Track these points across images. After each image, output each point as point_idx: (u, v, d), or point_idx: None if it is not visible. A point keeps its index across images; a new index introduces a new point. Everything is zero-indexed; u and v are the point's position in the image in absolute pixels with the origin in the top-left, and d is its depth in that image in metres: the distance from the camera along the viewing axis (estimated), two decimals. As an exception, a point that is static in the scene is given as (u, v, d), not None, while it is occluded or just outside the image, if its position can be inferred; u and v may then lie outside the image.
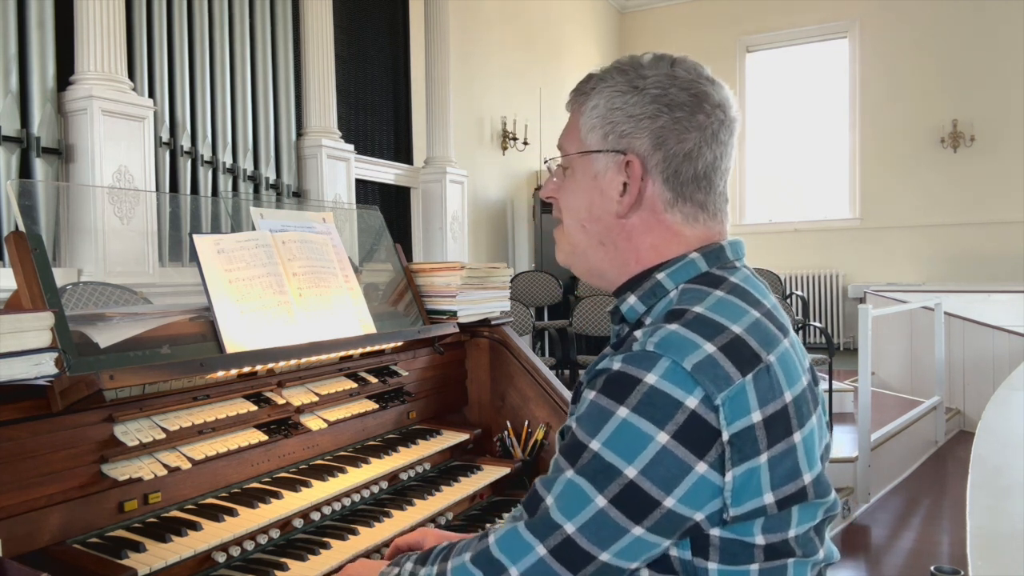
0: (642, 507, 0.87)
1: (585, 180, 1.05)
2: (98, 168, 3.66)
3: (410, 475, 1.68)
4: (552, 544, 0.90)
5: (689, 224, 1.03)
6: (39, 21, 3.59)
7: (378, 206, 2.21)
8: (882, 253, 9.36)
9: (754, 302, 0.97)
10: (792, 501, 0.91)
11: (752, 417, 0.88)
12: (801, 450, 0.92)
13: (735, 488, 0.88)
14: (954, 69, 8.97)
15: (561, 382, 1.98)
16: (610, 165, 1.03)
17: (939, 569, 1.74)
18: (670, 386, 0.87)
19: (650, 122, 1.00)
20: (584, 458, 0.90)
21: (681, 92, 1.00)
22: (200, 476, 1.34)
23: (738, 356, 0.89)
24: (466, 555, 0.96)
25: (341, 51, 5.72)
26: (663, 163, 1.00)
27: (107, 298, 2.97)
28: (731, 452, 0.87)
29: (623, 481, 0.87)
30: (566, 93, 1.15)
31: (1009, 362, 5.38)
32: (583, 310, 6.13)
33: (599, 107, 1.03)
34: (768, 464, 0.89)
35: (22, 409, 1.09)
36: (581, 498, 0.89)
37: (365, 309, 1.73)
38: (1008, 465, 2.24)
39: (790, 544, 0.93)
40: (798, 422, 0.92)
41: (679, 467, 0.86)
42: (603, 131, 1.03)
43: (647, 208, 1.02)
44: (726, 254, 1.03)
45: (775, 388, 0.90)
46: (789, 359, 0.94)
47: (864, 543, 3.79)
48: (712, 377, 0.87)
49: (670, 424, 0.86)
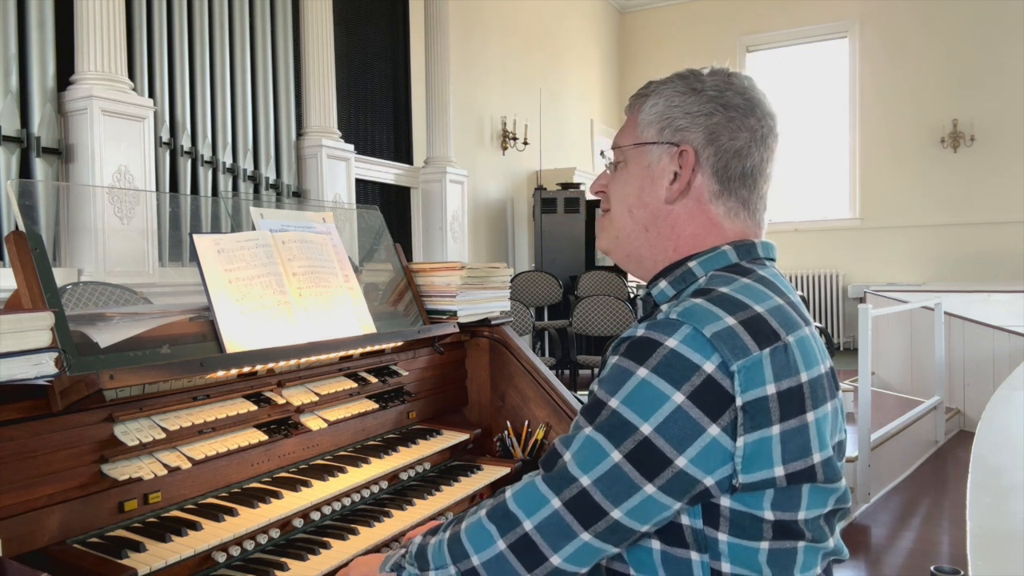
0: (655, 465, 0.90)
1: (638, 169, 1.11)
2: (98, 168, 3.66)
3: (410, 475, 1.68)
4: (567, 496, 0.93)
5: (730, 218, 1.08)
6: (39, 21, 3.59)
7: (378, 206, 2.21)
8: (882, 253, 9.36)
9: (779, 292, 1.01)
10: (801, 478, 0.93)
11: (767, 389, 0.91)
12: (813, 430, 0.94)
13: (745, 455, 0.90)
14: (954, 69, 8.97)
15: (561, 382, 1.98)
16: (664, 155, 1.08)
17: (939, 569, 1.74)
18: (689, 350, 0.90)
19: (705, 119, 1.06)
20: (603, 415, 0.94)
21: (736, 96, 1.07)
22: (200, 476, 1.34)
23: (757, 331, 0.93)
24: (482, 512, 1.00)
25: (341, 51, 5.72)
26: (714, 156, 1.06)
27: (107, 298, 2.96)
28: (744, 418, 0.90)
29: (638, 437, 0.90)
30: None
31: (1009, 362, 5.38)
32: (583, 310, 6.12)
33: (658, 105, 1.09)
34: (780, 437, 0.91)
35: (22, 409, 1.09)
36: (598, 453, 0.92)
37: (365, 309, 1.73)
38: (1008, 465, 2.24)
39: (800, 526, 0.96)
40: (812, 403, 0.94)
41: (692, 427, 0.89)
42: (660, 125, 1.08)
43: (693, 197, 1.08)
44: (757, 250, 1.08)
45: (792, 366, 0.93)
46: (808, 344, 0.97)
47: (864, 543, 3.79)
48: (730, 346, 0.90)
49: (686, 385, 0.89)
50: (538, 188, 8.03)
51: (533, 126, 8.32)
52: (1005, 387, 3.52)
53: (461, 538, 0.99)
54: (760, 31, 10.04)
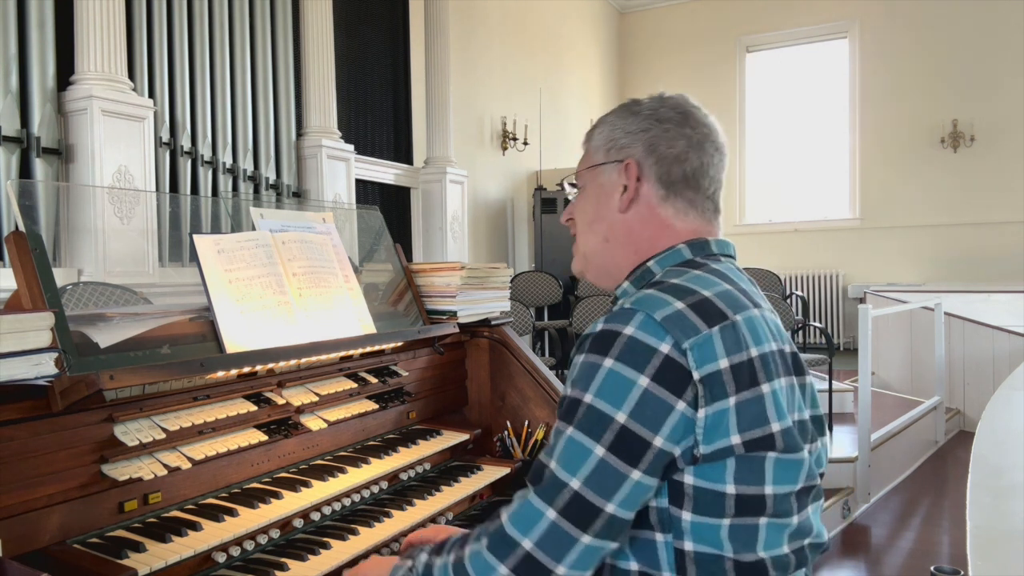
0: (636, 450, 0.95)
1: (594, 189, 1.21)
2: (98, 168, 3.66)
3: (410, 475, 1.68)
4: (560, 504, 0.95)
5: (680, 218, 1.16)
6: (39, 21, 3.59)
7: (378, 206, 2.21)
8: (882, 253, 9.36)
9: (728, 280, 1.08)
10: (759, 446, 0.98)
11: (719, 363, 0.97)
12: (770, 400, 1.00)
13: (706, 426, 0.96)
14: (954, 69, 8.97)
15: (561, 382, 1.97)
16: (612, 172, 1.18)
17: (939, 569, 1.74)
18: (644, 335, 0.97)
19: (643, 133, 1.16)
20: (579, 413, 0.98)
21: (669, 110, 1.17)
22: (200, 476, 1.34)
23: (705, 312, 1.00)
24: (483, 541, 1.00)
25: (341, 51, 5.72)
26: (656, 164, 1.15)
27: (107, 298, 2.96)
28: (703, 391, 0.96)
29: (616, 427, 0.95)
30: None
31: (1009, 362, 5.38)
32: (583, 310, 6.12)
33: (603, 131, 1.21)
34: (736, 407, 0.97)
35: (22, 409, 1.09)
36: (581, 452, 0.96)
37: (365, 309, 1.73)
38: (1008, 465, 2.24)
39: (764, 501, 0.98)
40: (765, 376, 1.00)
41: (661, 406, 0.95)
42: (607, 147, 1.20)
43: (643, 203, 1.16)
44: (711, 247, 1.15)
45: (740, 342, 1.00)
46: (756, 322, 1.04)
47: (864, 543, 3.79)
48: (680, 327, 0.97)
49: (648, 367, 0.95)
50: (538, 188, 8.03)
51: (533, 126, 8.32)
52: (1005, 387, 3.52)
53: (465, 567, 0.99)
54: (760, 31, 10.03)
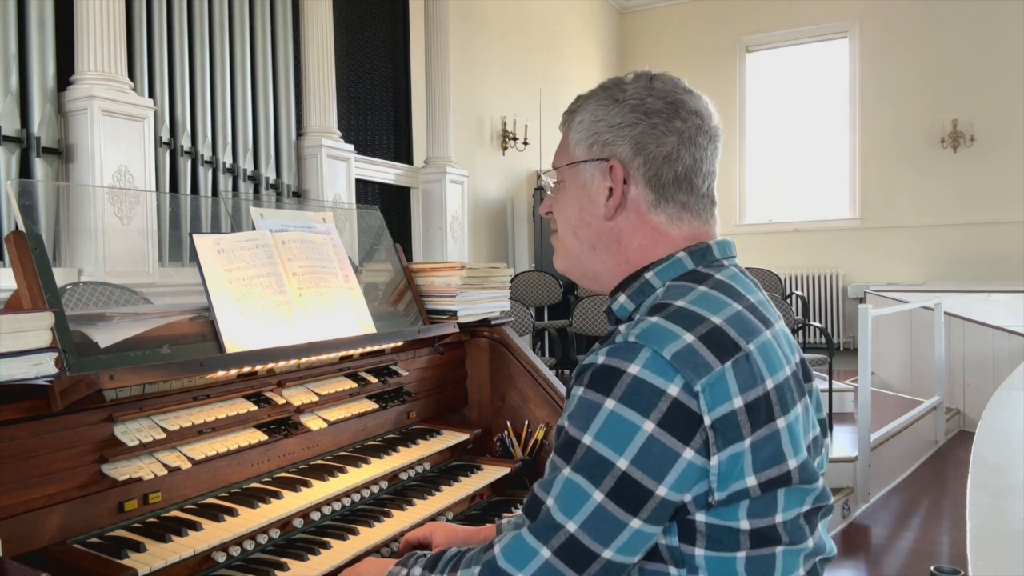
0: (637, 498, 0.89)
1: (575, 189, 1.11)
2: (98, 168, 3.66)
3: (410, 475, 1.68)
4: (556, 545, 0.91)
5: (674, 224, 1.07)
6: (39, 21, 3.59)
7: (378, 206, 2.21)
8: (882, 253, 9.36)
9: (737, 296, 1.00)
10: (776, 484, 0.93)
11: (734, 403, 0.90)
12: (786, 435, 0.94)
13: (720, 472, 0.90)
14: (954, 69, 8.97)
15: (561, 382, 1.97)
16: (596, 173, 1.08)
17: (939, 569, 1.74)
18: (651, 375, 0.89)
19: (629, 129, 1.05)
20: (578, 454, 0.92)
21: (657, 101, 1.05)
22: (200, 476, 1.34)
23: (716, 345, 0.92)
24: (475, 569, 0.97)
25: (341, 51, 5.72)
26: (644, 166, 1.05)
27: (107, 298, 2.97)
28: (715, 437, 0.89)
29: (616, 473, 0.89)
30: (566, 93, 1.19)
31: (1009, 362, 5.38)
32: (583, 310, 6.13)
33: (584, 121, 1.09)
34: (751, 448, 0.91)
35: (22, 409, 1.09)
36: (579, 495, 0.91)
37: (365, 309, 1.73)
38: (1008, 465, 2.24)
39: (777, 531, 0.95)
40: (781, 408, 0.94)
41: (667, 454, 0.89)
42: (588, 142, 1.08)
43: (632, 210, 1.07)
44: (713, 252, 1.06)
45: (755, 375, 0.93)
46: (770, 349, 0.97)
47: (864, 543, 3.79)
48: (691, 365, 0.89)
49: (654, 412, 0.88)
50: (538, 188, 8.03)
51: (533, 126, 8.32)
52: (1005, 387, 3.52)
53: None
54: (760, 31, 10.03)
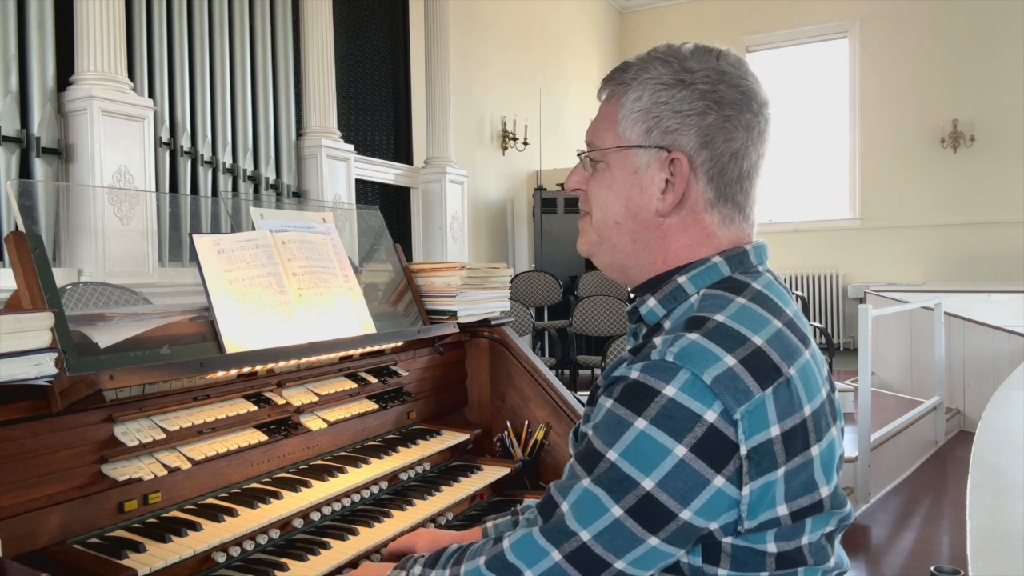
0: (658, 519, 0.87)
1: (623, 175, 1.00)
2: (98, 168, 3.66)
3: (410, 475, 1.68)
4: (567, 551, 0.90)
5: (725, 226, 1.00)
6: (39, 21, 3.59)
7: (378, 206, 2.21)
8: (882, 253, 9.36)
9: (776, 310, 0.94)
10: (806, 513, 0.91)
11: (771, 431, 0.86)
12: (818, 463, 0.91)
13: (751, 502, 0.87)
14: (954, 69, 8.97)
15: (561, 382, 1.98)
16: (653, 162, 0.98)
17: (939, 569, 1.74)
18: (689, 399, 0.85)
19: (698, 119, 0.95)
20: (601, 467, 0.89)
21: (730, 89, 0.96)
22: (200, 476, 1.33)
23: (758, 369, 0.87)
24: (480, 559, 0.96)
25: (341, 51, 5.72)
26: (709, 162, 0.96)
27: (107, 298, 2.96)
28: (749, 466, 0.86)
29: (640, 493, 0.86)
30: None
31: (1009, 362, 5.38)
32: (583, 310, 6.12)
33: (642, 100, 0.97)
34: (784, 477, 0.88)
35: (22, 409, 1.09)
36: (597, 507, 0.88)
37: (365, 309, 1.73)
38: (1008, 465, 2.24)
39: (803, 552, 0.93)
40: (816, 436, 0.91)
41: (696, 480, 0.85)
42: (646, 126, 0.97)
43: (688, 208, 0.99)
44: (749, 258, 1.00)
45: (795, 402, 0.89)
46: (809, 371, 0.93)
47: (864, 543, 3.79)
48: (732, 391, 0.85)
49: (688, 437, 0.85)
50: (538, 188, 8.03)
51: (533, 126, 8.32)
52: (1005, 387, 3.52)
53: None
54: (760, 31, 10.04)
